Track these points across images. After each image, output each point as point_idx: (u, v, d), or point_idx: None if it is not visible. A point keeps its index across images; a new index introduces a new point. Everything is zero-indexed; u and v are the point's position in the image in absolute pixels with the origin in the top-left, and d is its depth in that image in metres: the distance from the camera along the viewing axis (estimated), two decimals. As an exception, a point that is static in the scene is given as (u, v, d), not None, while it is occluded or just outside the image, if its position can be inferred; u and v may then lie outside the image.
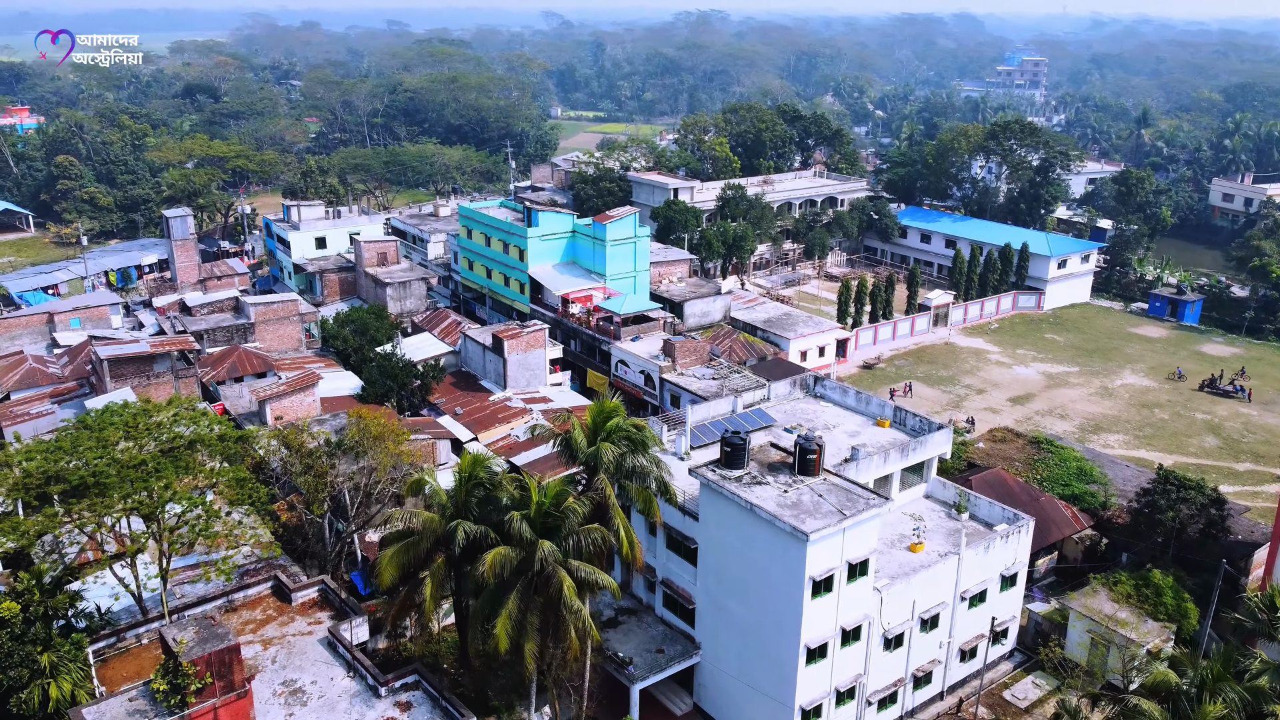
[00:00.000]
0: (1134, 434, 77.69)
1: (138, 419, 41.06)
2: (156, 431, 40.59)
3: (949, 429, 51.32)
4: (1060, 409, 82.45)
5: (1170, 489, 52.17)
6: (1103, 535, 57.74)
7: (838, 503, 39.89)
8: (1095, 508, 58.54)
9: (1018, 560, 47.94)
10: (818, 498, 40.32)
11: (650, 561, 46.50)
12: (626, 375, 76.66)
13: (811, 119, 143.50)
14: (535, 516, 35.03)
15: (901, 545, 46.59)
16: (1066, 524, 56.93)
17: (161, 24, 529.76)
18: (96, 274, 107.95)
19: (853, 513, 39.11)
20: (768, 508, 39.19)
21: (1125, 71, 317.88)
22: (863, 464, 46.94)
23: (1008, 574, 47.58)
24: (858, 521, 39.11)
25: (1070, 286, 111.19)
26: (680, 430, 51.88)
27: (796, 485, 41.31)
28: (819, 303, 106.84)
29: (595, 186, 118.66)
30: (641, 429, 39.53)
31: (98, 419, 41.27)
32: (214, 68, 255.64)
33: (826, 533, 38.05)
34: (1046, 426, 77.94)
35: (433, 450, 61.98)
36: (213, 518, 39.05)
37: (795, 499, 40.19)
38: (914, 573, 43.85)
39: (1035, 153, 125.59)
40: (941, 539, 47.50)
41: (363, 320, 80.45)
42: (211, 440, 40.32)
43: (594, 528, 34.94)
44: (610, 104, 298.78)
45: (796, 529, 37.80)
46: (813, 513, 39.11)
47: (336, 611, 43.04)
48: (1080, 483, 60.97)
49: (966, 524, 48.92)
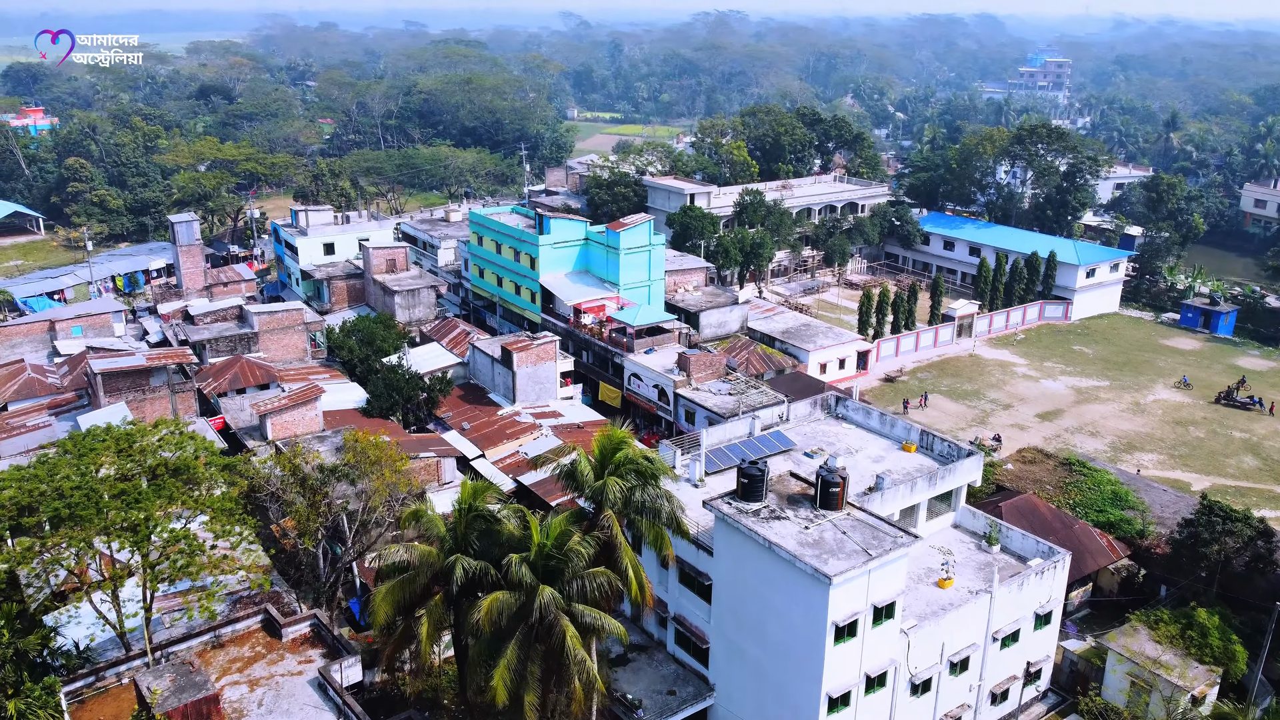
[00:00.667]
0: (1169, 453, 74.46)
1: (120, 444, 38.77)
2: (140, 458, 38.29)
3: (979, 456, 48.48)
4: (1090, 426, 79.28)
5: (1215, 520, 49.09)
6: (1140, 566, 54.73)
7: (863, 541, 37.16)
8: (1132, 536, 55.45)
9: (1053, 597, 45.04)
10: (841, 535, 37.60)
11: (662, 596, 43.89)
12: (640, 389, 74.08)
13: (831, 122, 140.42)
14: (536, 559, 32.48)
15: (929, 580, 43.83)
16: (1102, 554, 53.93)
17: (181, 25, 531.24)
18: (103, 279, 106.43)
19: (879, 553, 36.37)
20: (788, 546, 36.51)
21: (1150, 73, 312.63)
22: (888, 494, 44.18)
23: (1042, 612, 44.69)
24: (884, 562, 36.36)
25: (1099, 296, 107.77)
26: (694, 454, 49.23)
27: (818, 520, 38.60)
28: (839, 311, 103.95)
29: (610, 191, 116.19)
30: (652, 460, 36.92)
31: (79, 444, 39.01)
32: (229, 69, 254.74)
33: (851, 575, 35.33)
34: (1077, 445, 74.86)
35: (437, 469, 59.70)
36: (196, 551, 36.69)
37: (817, 536, 37.48)
38: (943, 612, 41.06)
39: (1063, 158, 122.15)
40: (971, 573, 44.69)
41: (369, 330, 78.28)
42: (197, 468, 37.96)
43: (600, 571, 32.37)
44: (627, 105, 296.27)
45: (818, 571, 35.11)
46: (836, 552, 36.40)
47: (329, 649, 40.66)
48: (1115, 509, 57.85)
49: (998, 557, 46.09)
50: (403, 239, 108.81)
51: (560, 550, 32.35)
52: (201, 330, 78.03)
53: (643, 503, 35.98)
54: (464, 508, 37.73)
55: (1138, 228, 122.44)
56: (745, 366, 78.45)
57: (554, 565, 32.73)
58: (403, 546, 38.14)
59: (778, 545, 36.61)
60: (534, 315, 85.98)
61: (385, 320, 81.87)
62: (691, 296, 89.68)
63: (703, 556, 41.32)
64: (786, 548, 36.44)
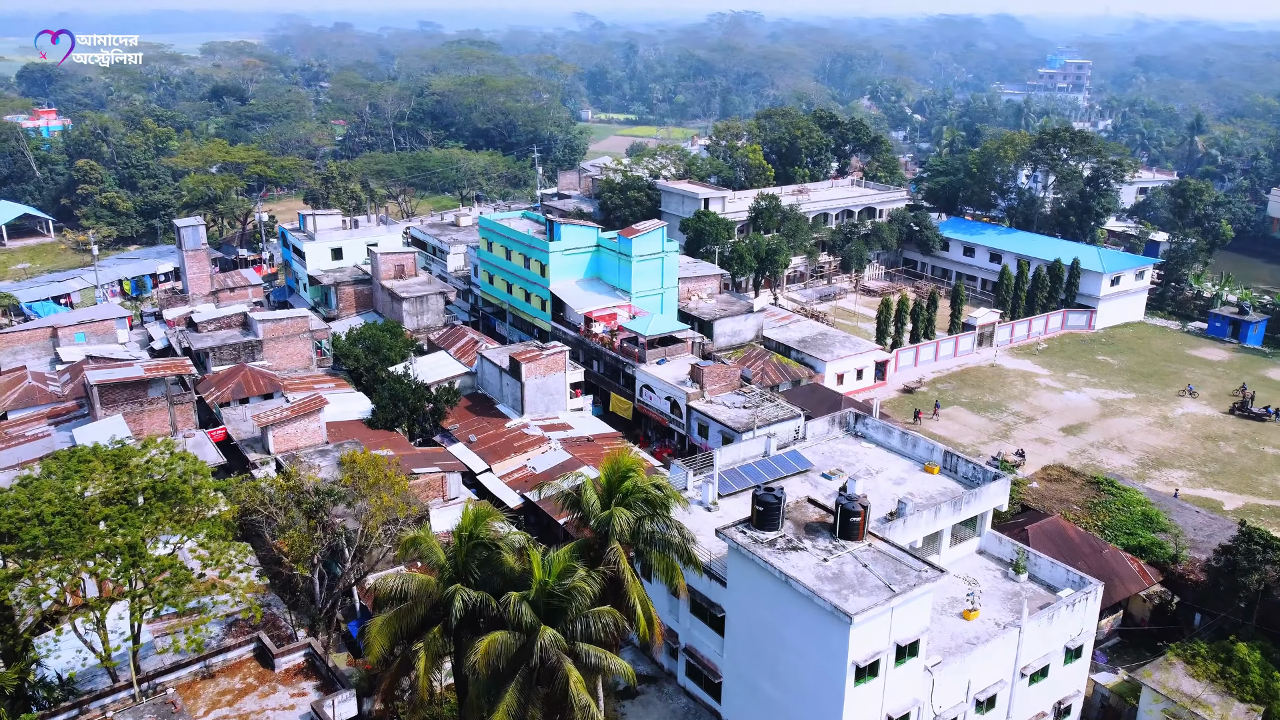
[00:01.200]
0: (1199, 470, 71.91)
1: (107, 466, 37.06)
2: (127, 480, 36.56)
3: (1005, 479, 46.29)
4: (1117, 440, 76.79)
5: (1255, 548, 46.70)
6: (1174, 594, 52.34)
7: (885, 575, 35.08)
8: (1164, 561, 53.10)
9: (1084, 630, 42.79)
10: (862, 568, 35.52)
11: (672, 626, 41.94)
12: (651, 401, 72.08)
13: (849, 124, 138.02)
14: (537, 597, 30.54)
15: (953, 611, 41.67)
16: (1133, 580, 51.59)
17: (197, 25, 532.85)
18: (110, 283, 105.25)
19: (903, 588, 34.28)
20: (806, 581, 34.46)
21: (1172, 75, 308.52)
22: (910, 520, 42.08)
23: (1073, 646, 42.44)
24: (908, 599, 34.28)
25: (1123, 304, 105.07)
26: (707, 475, 47.23)
27: (838, 552, 36.53)
28: (856, 319, 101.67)
29: (623, 196, 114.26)
30: (662, 488, 34.94)
31: (64, 464, 37.34)
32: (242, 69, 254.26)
33: (873, 614, 33.26)
34: (1103, 461, 72.43)
35: (442, 485, 57.93)
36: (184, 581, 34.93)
37: (836, 569, 35.41)
38: (969, 647, 38.90)
39: (1086, 162, 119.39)
40: (998, 604, 42.51)
41: (375, 338, 76.62)
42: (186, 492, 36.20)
43: (605, 611, 30.39)
44: (641, 106, 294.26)
45: (838, 609, 33.05)
46: (856, 588, 34.33)
47: (323, 681, 38.89)
48: (1146, 531, 55.47)
49: (1026, 586, 43.87)
50: (412, 244, 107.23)
51: (563, 588, 30.39)
52: (205, 338, 76.52)
53: (652, 533, 34.01)
54: (465, 535, 35.88)
55: (1163, 233, 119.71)
56: (760, 377, 76.39)
57: (557, 604, 30.78)
58: (400, 575, 36.26)
59: (795, 579, 34.57)
60: (544, 323, 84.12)
61: (392, 328, 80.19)
62: (705, 304, 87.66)
63: (715, 587, 39.33)
64: (804, 582, 34.40)
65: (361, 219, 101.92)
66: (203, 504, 36.31)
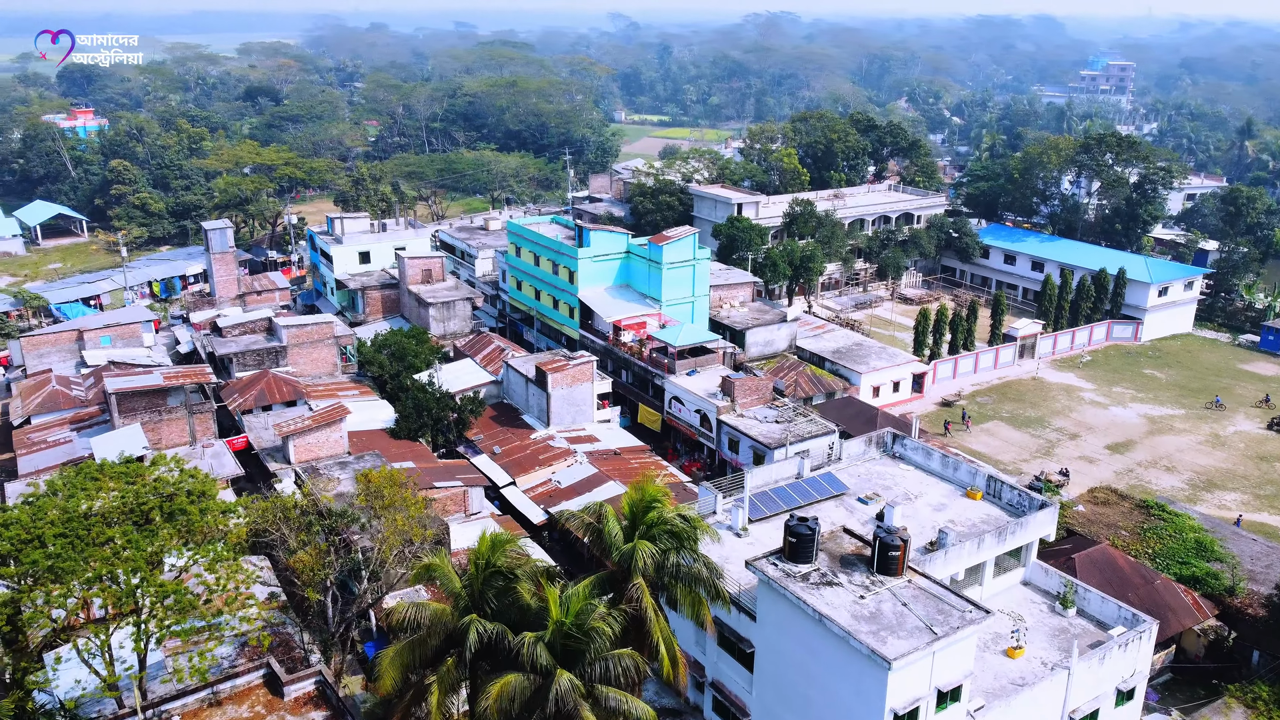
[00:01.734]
0: (1253, 493, 68.69)
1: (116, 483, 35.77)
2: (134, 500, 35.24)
3: (1053, 507, 43.77)
4: (1165, 459, 73.68)
5: (1320, 584, 43.92)
6: (1230, 628, 49.56)
7: (926, 615, 32.89)
8: (1220, 593, 50.30)
9: (1137, 671, 40.28)
10: (901, 607, 33.35)
11: (699, 658, 39.97)
12: (680, 414, 70.11)
13: (886, 128, 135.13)
14: (554, 639, 28.72)
15: (996, 648, 39.31)
16: (1187, 613, 48.81)
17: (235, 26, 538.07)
18: (140, 284, 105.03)
19: (945, 630, 32.09)
20: (841, 620, 32.36)
21: (1218, 77, 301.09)
22: (952, 552, 39.77)
23: (1125, 688, 39.94)
24: (951, 642, 32.07)
25: (1171, 315, 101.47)
26: (737, 498, 45.20)
27: (875, 588, 34.38)
28: (892, 328, 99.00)
29: (654, 200, 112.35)
30: (689, 519, 32.98)
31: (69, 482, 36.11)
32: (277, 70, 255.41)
33: (913, 658, 31.10)
34: (1151, 482, 69.45)
35: (464, 500, 56.28)
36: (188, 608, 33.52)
37: (874, 608, 33.28)
38: (1015, 690, 36.55)
39: (1133, 168, 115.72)
40: (1044, 641, 40.09)
41: (400, 344, 75.25)
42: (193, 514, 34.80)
43: (626, 653, 28.51)
44: (675, 108, 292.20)
45: (876, 653, 30.92)
46: (896, 629, 32.18)
47: (333, 710, 37.33)
48: (1201, 560, 52.66)
49: (1074, 622, 41.41)
50: (440, 248, 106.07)
51: (581, 628, 28.54)
52: (229, 343, 75.61)
53: (677, 567, 32.07)
54: (481, 563, 34.22)
55: (1212, 242, 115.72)
56: (793, 389, 74.19)
57: (574, 644, 28.94)
58: (414, 604, 34.64)
59: (829, 619, 32.48)
60: (572, 331, 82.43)
61: (418, 334, 78.80)
62: (737, 313, 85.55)
63: (744, 620, 37.31)
64: (840, 622, 32.31)
65: (390, 222, 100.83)
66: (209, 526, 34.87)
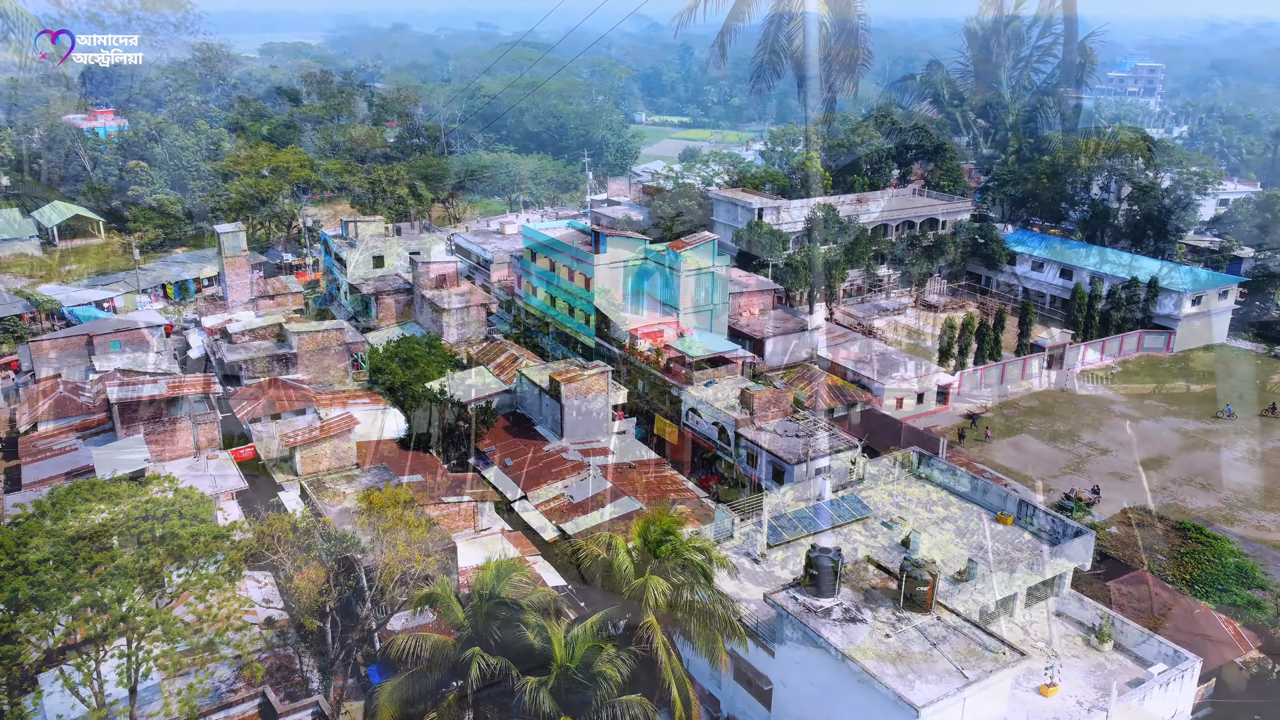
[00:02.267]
0: (1294, 514, 66.02)
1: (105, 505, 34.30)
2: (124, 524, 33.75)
3: (1089, 536, 41.58)
4: (1201, 477, 71.01)
5: (1374, 620, 41.48)
6: (1273, 661, 47.12)
7: (956, 656, 30.85)
8: (1263, 624, 47.93)
9: (1179, 712, 38.06)
10: (930, 647, 31.33)
11: (714, 692, 38.06)
12: (698, 426, 68.19)
13: (910, 130, 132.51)
14: (558, 683, 26.91)
15: (1028, 685, 37.15)
16: (1229, 645, 46.46)
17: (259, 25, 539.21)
18: (155, 287, 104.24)
19: (977, 674, 30.05)
20: (865, 662, 30.37)
21: (1251, 79, 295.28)
22: (981, 584, 37.66)
23: (1166, 730, 37.76)
24: (983, 687, 30.01)
25: (1205, 325, 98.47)
26: (755, 521, 43.26)
27: (902, 625, 32.37)
28: (916, 336, 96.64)
29: (673, 204, 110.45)
30: (704, 551, 31.10)
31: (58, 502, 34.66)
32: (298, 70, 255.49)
33: (943, 705, 29.09)
34: (1186, 500, 66.86)
35: (473, 516, 54.67)
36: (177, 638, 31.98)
37: (901, 648, 31.27)
38: (1048, 733, 34.49)
39: (1165, 172, 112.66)
40: (1080, 678, 37.91)
41: (413, 352, 73.81)
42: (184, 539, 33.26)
43: (635, 700, 26.67)
44: (696, 109, 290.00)
45: (903, 698, 28.93)
46: (923, 672, 30.16)
47: (330, 744, 35.73)
48: (1241, 588, 50.31)
49: (1111, 658, 39.21)
50: (455, 252, 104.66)
51: (587, 673, 26.71)
52: (239, 350, 74.36)
53: (691, 603, 30.19)
54: (485, 593, 32.54)
55: (1248, 249, 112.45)
56: (813, 400, 72.14)
57: (580, 688, 27.13)
58: (414, 635, 33.01)
59: (853, 660, 30.50)
60: (588, 339, 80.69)
61: (431, 341, 77.41)
62: (757, 321, 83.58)
63: (762, 656, 35.37)
64: (864, 664, 30.31)
65: (404, 226, 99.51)
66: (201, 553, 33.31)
